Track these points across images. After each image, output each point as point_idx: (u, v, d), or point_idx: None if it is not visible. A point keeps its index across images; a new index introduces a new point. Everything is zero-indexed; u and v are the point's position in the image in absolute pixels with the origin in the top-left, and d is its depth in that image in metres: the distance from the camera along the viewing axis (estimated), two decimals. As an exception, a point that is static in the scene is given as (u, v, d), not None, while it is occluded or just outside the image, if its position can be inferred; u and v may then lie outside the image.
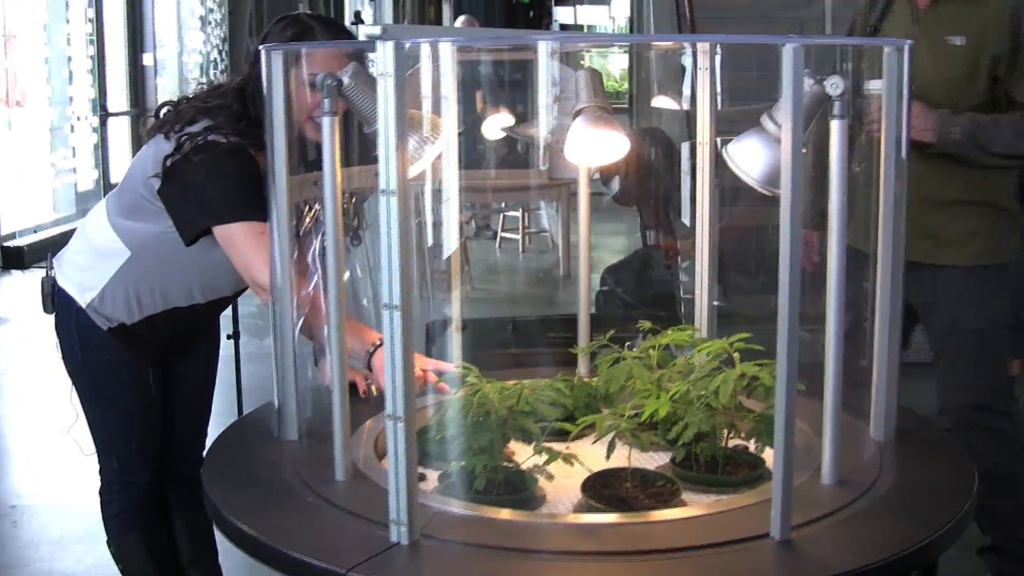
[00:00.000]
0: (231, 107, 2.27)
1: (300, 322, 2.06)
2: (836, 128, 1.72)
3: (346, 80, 1.73)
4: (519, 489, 1.85)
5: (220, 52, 12.03)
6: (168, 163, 2.24)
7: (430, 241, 2.05)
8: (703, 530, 1.66)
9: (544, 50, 1.94)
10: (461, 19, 9.15)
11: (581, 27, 26.09)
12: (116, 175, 9.92)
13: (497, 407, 1.80)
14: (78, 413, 2.56)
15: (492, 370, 2.08)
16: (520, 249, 8.79)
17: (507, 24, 25.87)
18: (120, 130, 10.10)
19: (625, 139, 2.22)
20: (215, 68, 11.89)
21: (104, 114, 9.68)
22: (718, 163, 2.25)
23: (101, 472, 2.60)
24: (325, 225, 1.76)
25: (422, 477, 1.96)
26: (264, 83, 1.93)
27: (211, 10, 11.88)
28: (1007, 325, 2.79)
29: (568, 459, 1.84)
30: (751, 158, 1.79)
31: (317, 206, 2.12)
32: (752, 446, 1.99)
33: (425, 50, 1.63)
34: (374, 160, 2.16)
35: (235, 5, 12.20)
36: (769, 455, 2.02)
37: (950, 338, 2.77)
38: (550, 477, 1.85)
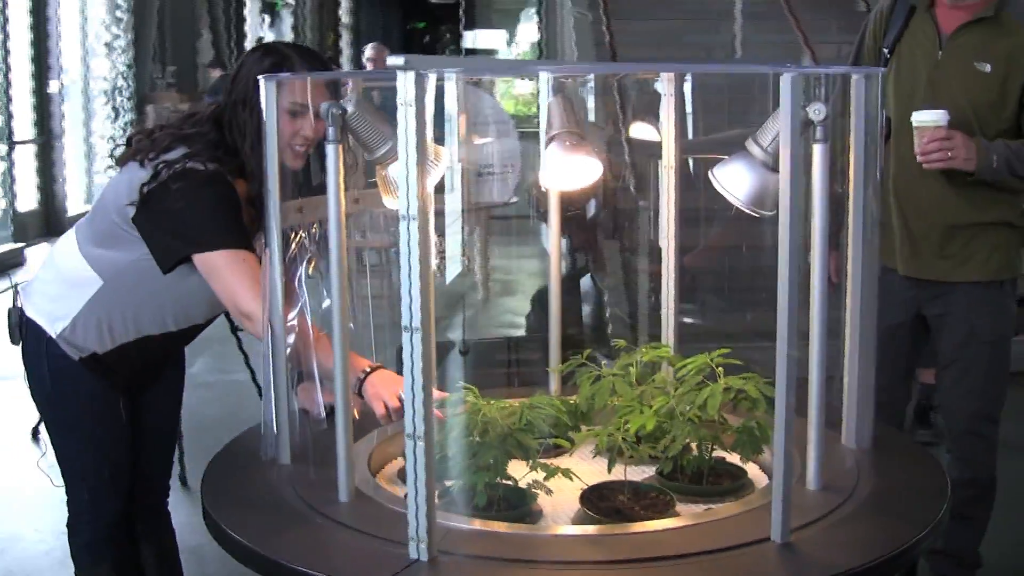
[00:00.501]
0: (208, 135, 2.29)
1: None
2: (819, 151, 1.81)
3: (350, 108, 1.78)
4: (517, 505, 1.90)
5: (125, 79, 11.86)
6: (145, 190, 2.24)
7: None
8: (706, 536, 1.74)
9: (544, 79, 1.99)
10: (371, 47, 9.18)
11: (482, 51, 26.30)
12: (23, 203, 9.70)
13: (500, 424, 1.85)
14: (46, 445, 2.54)
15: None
16: (438, 272, 8.81)
17: (405, 49, 25.81)
18: (26, 158, 9.88)
19: (599, 163, 2.29)
20: (120, 95, 11.71)
21: (11, 142, 9.46)
22: (686, 186, 2.36)
23: (69, 503, 2.57)
24: (329, 251, 1.79)
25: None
26: (263, 111, 1.96)
27: (116, 36, 11.70)
28: (1012, 337, 2.94)
29: (568, 474, 1.90)
30: (737, 181, 1.88)
31: (302, 232, 2.15)
32: (730, 457, 2.08)
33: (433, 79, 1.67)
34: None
35: (139, 32, 12.06)
36: (751, 466, 2.12)
37: (965, 349, 2.88)
38: (549, 492, 1.90)
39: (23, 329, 2.46)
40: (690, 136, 2.26)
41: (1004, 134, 2.75)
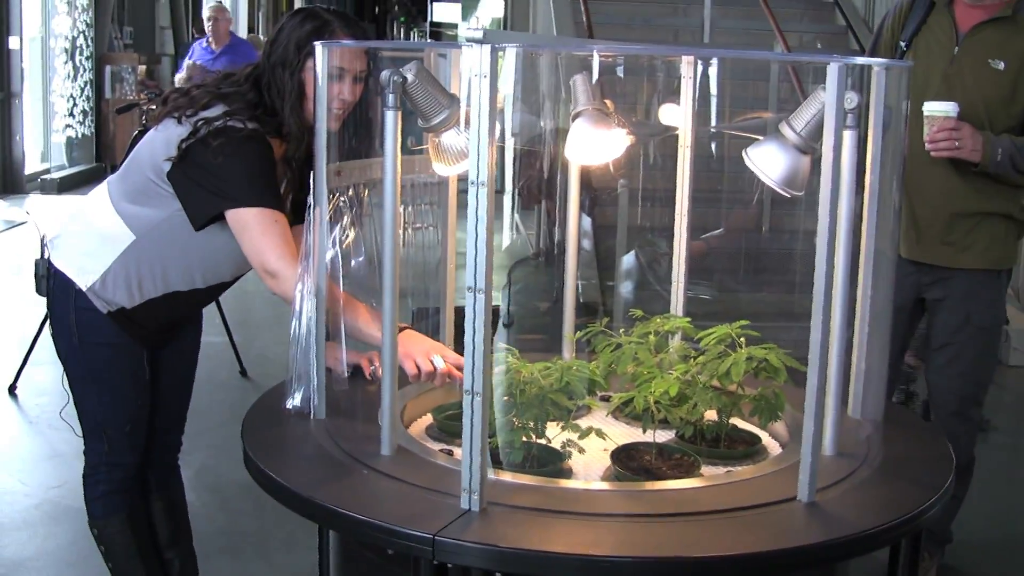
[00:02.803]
0: (246, 94, 2.34)
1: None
2: (848, 138, 1.91)
3: (410, 77, 1.84)
4: (549, 462, 1.99)
5: (85, 37, 11.70)
6: (183, 146, 2.30)
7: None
8: (736, 495, 1.84)
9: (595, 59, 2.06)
10: (209, 7, 8.68)
11: (438, 25, 26.21)
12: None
13: (543, 384, 1.94)
14: (69, 396, 2.58)
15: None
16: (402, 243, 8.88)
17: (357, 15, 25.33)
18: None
19: (627, 136, 2.38)
20: (80, 53, 11.56)
21: (-31, 97, 9.34)
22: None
23: (87, 455, 2.62)
24: (383, 216, 1.86)
25: (449, 452, 2.09)
26: (317, 76, 2.02)
27: (77, -6, 11.55)
28: (1003, 325, 3.08)
29: (601, 435, 2.00)
30: (770, 162, 1.98)
31: (339, 195, 2.22)
32: (742, 424, 2.19)
33: (515, 54, 1.74)
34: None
35: (100, -9, 11.92)
36: (762, 432, 2.23)
37: (959, 333, 3.03)
38: (583, 451, 2.00)
39: (50, 281, 2.51)
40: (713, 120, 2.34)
41: (1010, 130, 2.90)
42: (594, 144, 2.37)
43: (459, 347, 2.24)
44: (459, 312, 2.62)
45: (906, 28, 3.03)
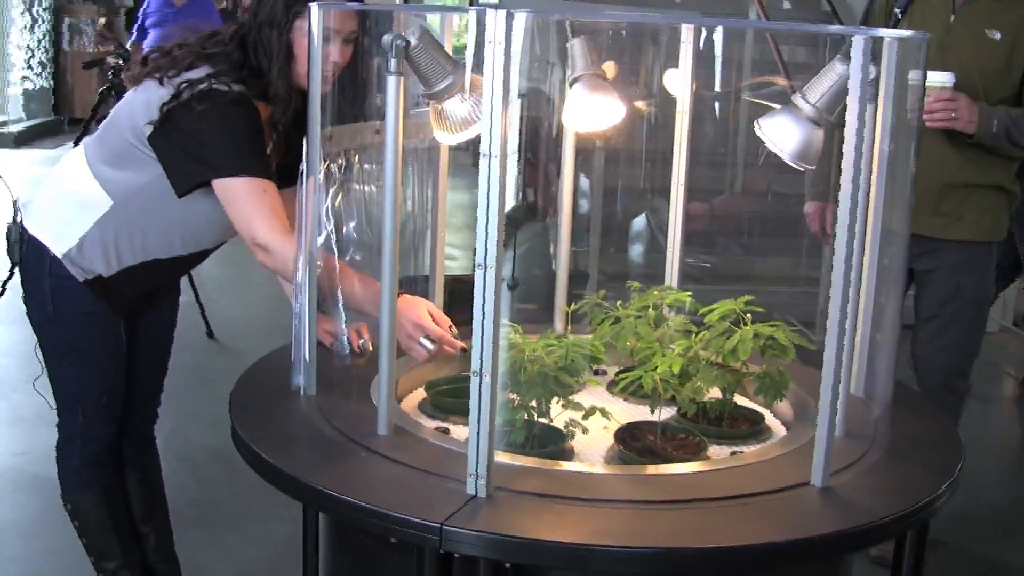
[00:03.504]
0: (232, 55, 2.23)
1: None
2: (868, 111, 1.86)
3: (413, 41, 1.75)
4: (550, 442, 1.93)
5: (44, -14, 11.40)
6: (165, 109, 2.19)
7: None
8: (748, 479, 1.79)
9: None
10: None
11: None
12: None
13: (547, 363, 1.87)
14: (42, 366, 2.48)
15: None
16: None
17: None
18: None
19: (623, 105, 2.30)
20: (38, 4, 11.25)
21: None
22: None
23: (61, 427, 2.53)
24: (384, 185, 1.77)
25: (445, 431, 2.02)
26: (312, 38, 1.92)
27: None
28: (992, 297, 3.05)
29: (605, 414, 1.94)
30: (783, 134, 1.91)
31: (329, 162, 2.12)
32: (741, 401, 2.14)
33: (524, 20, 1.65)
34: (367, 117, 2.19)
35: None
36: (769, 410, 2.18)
37: (948, 305, 3.00)
38: (586, 431, 1.94)
39: (23, 247, 2.40)
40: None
41: (1005, 101, 2.85)
42: (592, 110, 2.29)
43: (452, 317, 2.18)
44: (449, 281, 2.55)
45: None
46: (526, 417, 1.90)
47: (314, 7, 1.93)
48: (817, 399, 2.09)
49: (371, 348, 2.25)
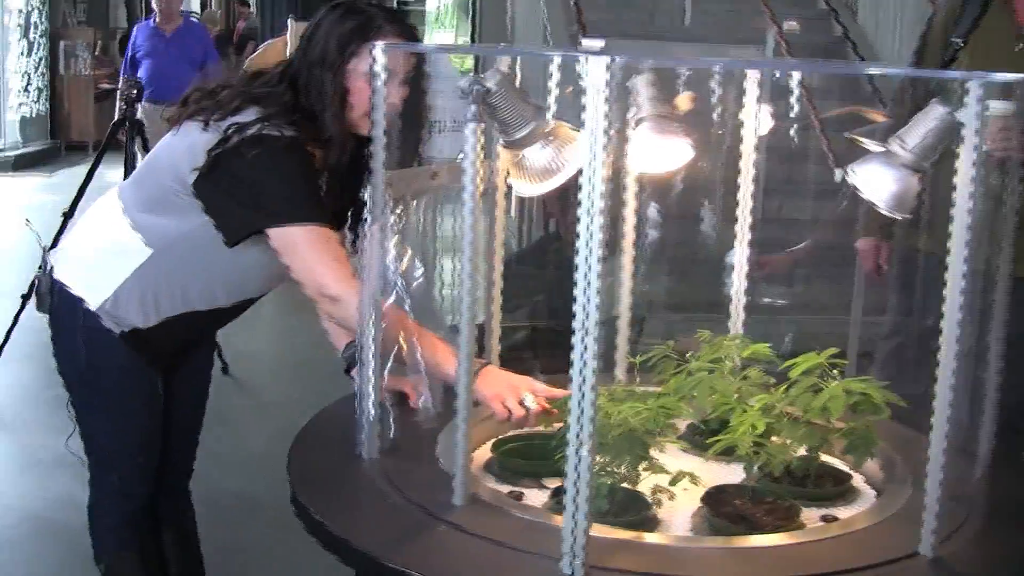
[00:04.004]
0: (282, 97, 2.12)
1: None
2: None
3: (493, 86, 1.64)
4: (634, 509, 1.81)
5: (39, 13, 11.28)
6: (212, 155, 2.07)
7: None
8: (853, 550, 1.68)
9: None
10: None
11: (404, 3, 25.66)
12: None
13: (636, 427, 1.76)
14: (74, 423, 2.36)
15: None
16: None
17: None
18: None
19: (690, 147, 2.19)
20: (34, 29, 11.14)
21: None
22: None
23: (94, 485, 2.40)
24: (463, 240, 1.66)
25: (518, 496, 1.90)
26: (374, 79, 1.81)
27: (31, -32, 11.13)
28: None
29: (694, 479, 1.82)
30: (877, 181, 1.80)
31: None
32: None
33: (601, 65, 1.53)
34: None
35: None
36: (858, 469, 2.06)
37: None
38: (672, 497, 1.82)
39: (54, 298, 2.27)
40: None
41: None
42: (658, 152, 2.18)
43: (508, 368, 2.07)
44: (503, 331, 2.43)
45: (960, 24, 2.87)
46: (612, 484, 1.78)
47: (378, 48, 1.81)
48: (902, 454, 2.01)
49: (427, 405, 2.14)
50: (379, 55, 1.81)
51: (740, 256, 2.39)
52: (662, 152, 2.18)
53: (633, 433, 1.76)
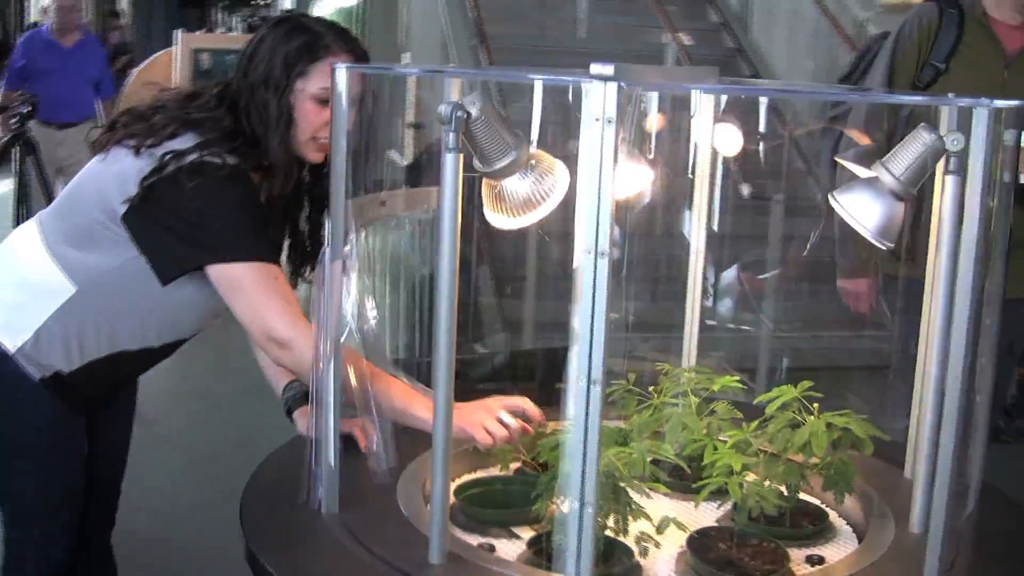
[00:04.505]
0: (221, 121, 1.96)
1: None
2: (951, 183, 1.70)
3: (475, 112, 1.52)
4: (613, 559, 1.71)
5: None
6: (146, 184, 1.91)
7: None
8: (854, 597, 1.60)
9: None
10: None
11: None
12: None
13: (622, 474, 1.65)
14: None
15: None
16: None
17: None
18: None
19: (651, 169, 2.11)
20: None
21: None
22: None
23: (9, 545, 2.19)
24: (438, 276, 1.53)
25: (490, 547, 1.78)
26: (335, 101, 1.67)
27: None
28: None
29: (680, 526, 1.73)
30: (863, 209, 1.74)
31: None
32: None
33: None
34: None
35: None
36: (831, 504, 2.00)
37: None
38: (658, 546, 1.72)
39: (-35, 342, 2.07)
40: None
41: None
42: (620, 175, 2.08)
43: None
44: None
45: (938, 47, 2.81)
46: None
47: (340, 70, 1.67)
48: (872, 485, 1.96)
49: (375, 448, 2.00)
50: (340, 76, 1.67)
51: (694, 279, 2.33)
52: (624, 175, 2.09)
53: (618, 482, 1.65)
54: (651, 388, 2.09)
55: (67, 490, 2.15)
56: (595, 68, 1.26)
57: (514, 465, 2.04)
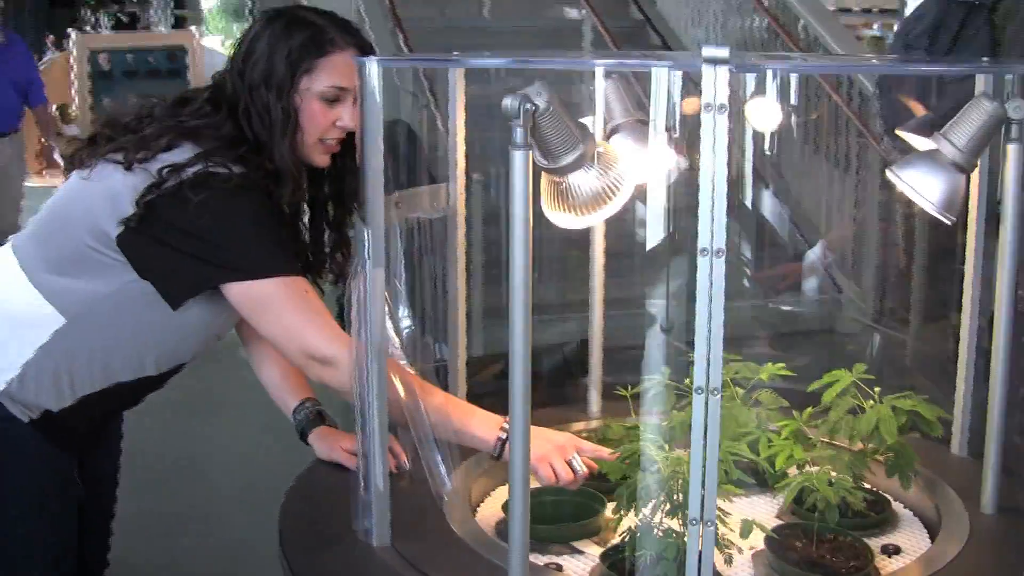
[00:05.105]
0: (221, 128, 1.79)
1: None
2: (1013, 152, 1.65)
3: (542, 104, 1.39)
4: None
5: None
6: (143, 202, 1.73)
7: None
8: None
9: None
10: None
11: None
12: None
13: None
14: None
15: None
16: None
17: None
18: None
19: (675, 155, 2.00)
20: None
21: None
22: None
23: (-1, 598, 2.00)
24: (512, 282, 1.40)
25: (557, 567, 1.67)
26: (364, 98, 1.53)
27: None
28: None
29: (764, 528, 1.64)
30: (925, 182, 1.66)
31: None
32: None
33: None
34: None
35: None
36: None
37: None
38: (740, 551, 1.63)
39: (-58, 385, 1.87)
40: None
41: None
42: (640, 162, 1.98)
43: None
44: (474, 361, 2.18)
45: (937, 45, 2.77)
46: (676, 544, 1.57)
47: (371, 64, 1.53)
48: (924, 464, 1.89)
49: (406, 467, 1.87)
50: (372, 71, 1.52)
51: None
52: (643, 161, 1.99)
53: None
54: (686, 381, 2.00)
55: (62, 536, 1.96)
56: (708, 51, 1.15)
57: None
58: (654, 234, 1.42)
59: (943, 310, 2.03)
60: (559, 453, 1.74)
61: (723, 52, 1.16)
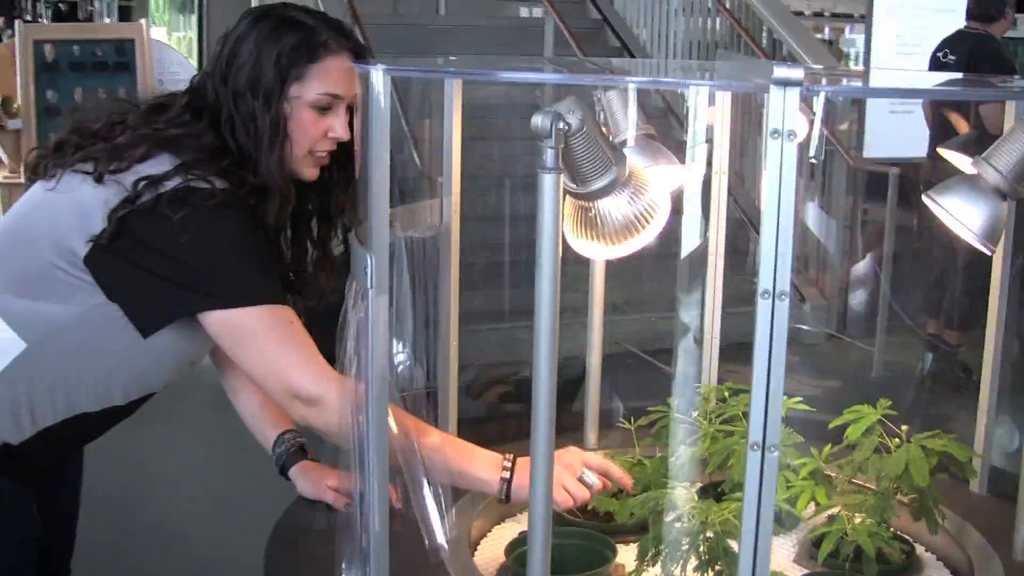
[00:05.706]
0: (202, 137, 1.64)
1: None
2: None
3: (575, 123, 1.26)
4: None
5: None
6: (115, 218, 1.57)
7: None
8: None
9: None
10: None
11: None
12: None
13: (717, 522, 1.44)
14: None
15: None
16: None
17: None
18: None
19: (683, 170, 1.89)
20: None
21: None
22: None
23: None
24: (539, 307, 1.26)
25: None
26: (370, 108, 1.38)
27: None
28: None
29: (793, 580, 1.52)
30: (967, 209, 1.56)
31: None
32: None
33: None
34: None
35: None
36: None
37: None
38: (772, 604, 1.51)
39: None
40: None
41: None
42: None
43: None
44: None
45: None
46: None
47: (376, 72, 1.38)
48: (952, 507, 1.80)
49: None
50: (378, 80, 1.37)
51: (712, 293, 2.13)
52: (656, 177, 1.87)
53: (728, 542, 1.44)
54: (694, 414, 1.89)
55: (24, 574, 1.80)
56: (780, 71, 1.02)
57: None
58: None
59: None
60: (568, 472, 1.62)
61: (797, 73, 1.03)
